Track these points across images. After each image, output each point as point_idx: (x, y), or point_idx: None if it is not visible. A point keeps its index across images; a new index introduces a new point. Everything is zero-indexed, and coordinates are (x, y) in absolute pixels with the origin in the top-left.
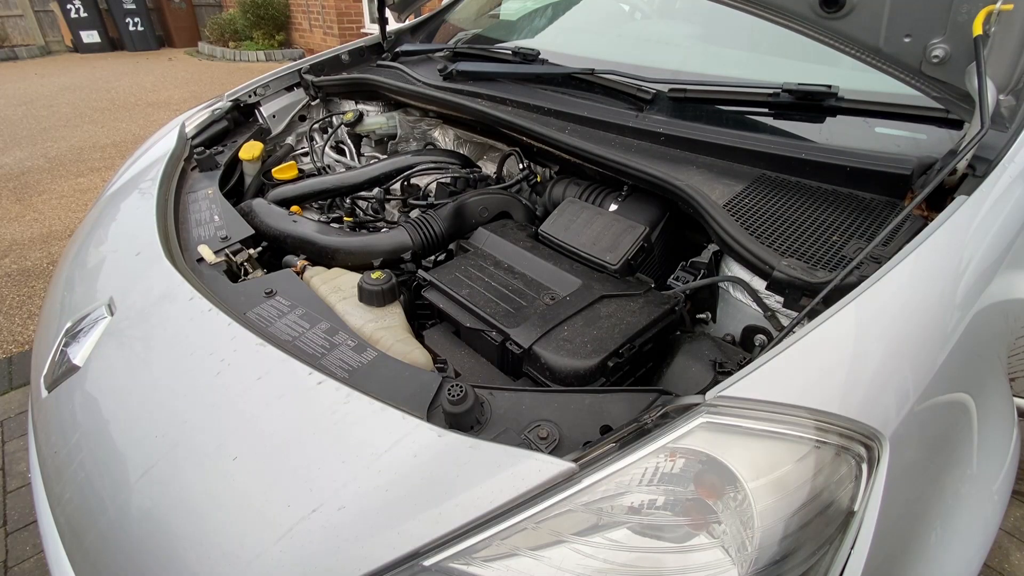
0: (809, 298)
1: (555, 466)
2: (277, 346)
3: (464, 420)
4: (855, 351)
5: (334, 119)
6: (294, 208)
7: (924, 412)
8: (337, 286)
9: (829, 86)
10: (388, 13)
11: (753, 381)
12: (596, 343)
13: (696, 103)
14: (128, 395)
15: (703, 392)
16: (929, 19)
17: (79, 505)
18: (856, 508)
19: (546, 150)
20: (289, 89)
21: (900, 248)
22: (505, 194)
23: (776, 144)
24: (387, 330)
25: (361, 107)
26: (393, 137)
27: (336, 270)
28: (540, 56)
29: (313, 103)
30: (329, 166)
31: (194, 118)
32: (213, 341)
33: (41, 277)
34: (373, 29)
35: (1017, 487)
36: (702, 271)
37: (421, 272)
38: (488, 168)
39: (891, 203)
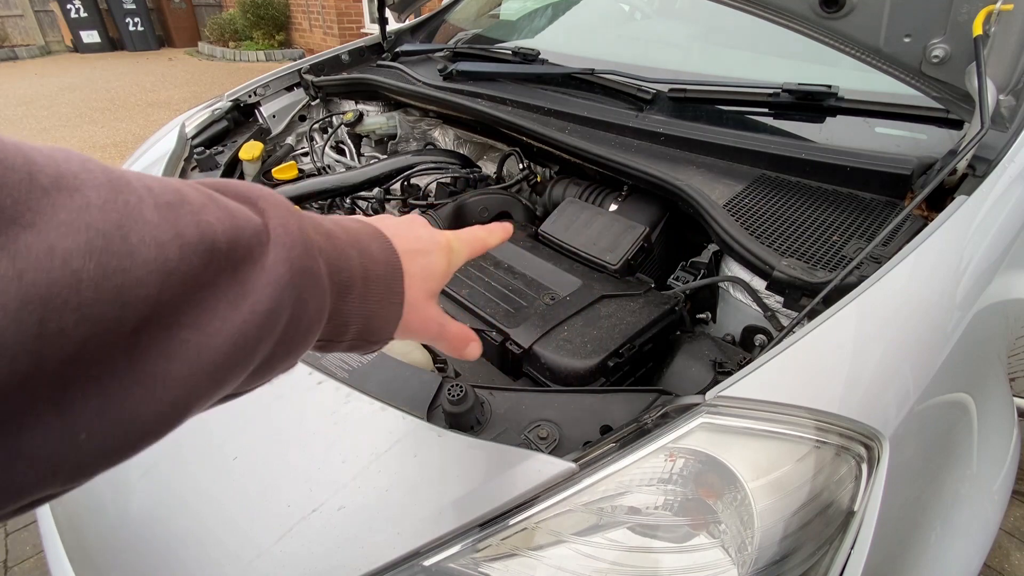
0: (809, 298)
1: (555, 466)
2: None
3: (464, 420)
4: (855, 351)
5: (334, 119)
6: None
7: (924, 412)
8: None
9: (829, 86)
10: (388, 13)
11: (753, 381)
12: (596, 343)
13: (696, 103)
14: None
15: (703, 392)
16: (929, 19)
17: (79, 505)
18: (856, 508)
19: (546, 150)
20: (289, 89)
21: (900, 248)
22: (505, 194)
23: (776, 144)
24: None
25: (361, 107)
26: (393, 137)
27: None
28: (540, 56)
29: (313, 103)
30: (329, 166)
31: (194, 118)
32: None
33: None
34: (373, 29)
35: (1017, 487)
36: (702, 271)
37: None
38: (488, 168)
39: (891, 203)
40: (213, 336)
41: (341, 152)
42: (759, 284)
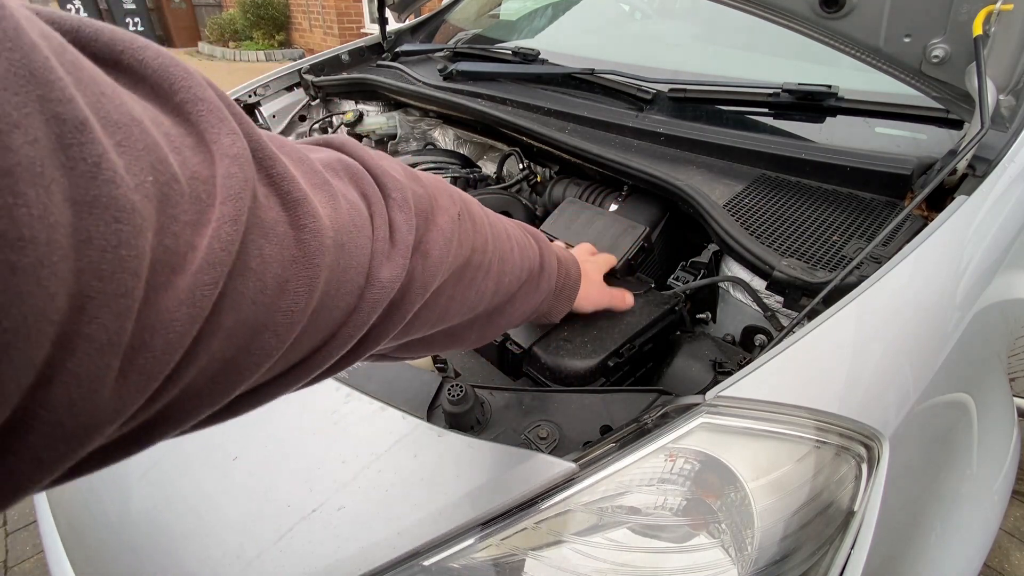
0: (809, 298)
1: (555, 466)
2: None
3: (464, 420)
4: (855, 351)
5: (334, 119)
6: None
7: (924, 412)
8: None
9: (829, 86)
10: (388, 13)
11: (753, 381)
12: (596, 343)
13: (696, 103)
14: None
15: (703, 392)
16: (929, 19)
17: (79, 505)
18: (856, 508)
19: (546, 150)
20: (289, 89)
21: (900, 248)
22: (505, 194)
23: (776, 144)
24: None
25: (361, 107)
26: (393, 137)
27: None
28: (540, 56)
29: (313, 103)
30: None
31: None
32: None
33: None
34: (373, 29)
35: (1017, 487)
36: (702, 271)
37: None
38: (488, 168)
39: (891, 203)
40: (518, 312)
41: None
42: (759, 284)
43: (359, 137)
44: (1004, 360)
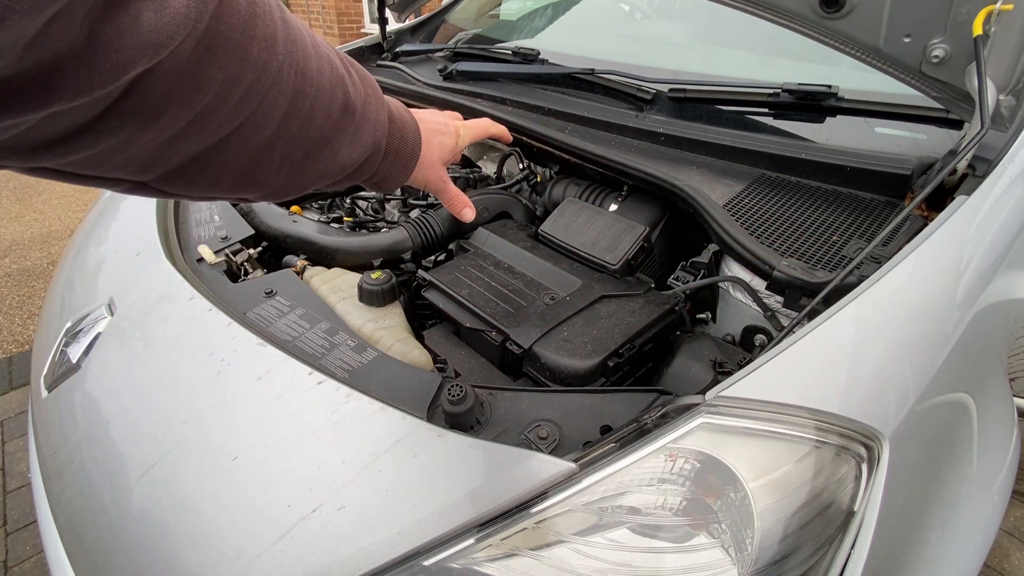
0: (809, 298)
1: (555, 466)
2: (277, 346)
3: (464, 420)
4: (855, 351)
5: None
6: (294, 208)
7: (924, 412)
8: (337, 286)
9: (829, 86)
10: (388, 13)
11: (753, 381)
12: (596, 343)
13: (696, 103)
14: (128, 395)
15: (703, 392)
16: (929, 19)
17: (79, 505)
18: (856, 508)
19: (546, 150)
20: None
21: (900, 248)
22: (505, 194)
23: (776, 144)
24: (387, 330)
25: None
26: None
27: (336, 270)
28: (540, 56)
29: None
30: None
31: None
32: (213, 341)
33: (41, 277)
34: (373, 29)
35: (1017, 487)
36: (702, 271)
37: (421, 272)
38: (488, 168)
39: (891, 203)
40: (334, 162)
41: None
42: (759, 284)
43: None
44: (1004, 360)
